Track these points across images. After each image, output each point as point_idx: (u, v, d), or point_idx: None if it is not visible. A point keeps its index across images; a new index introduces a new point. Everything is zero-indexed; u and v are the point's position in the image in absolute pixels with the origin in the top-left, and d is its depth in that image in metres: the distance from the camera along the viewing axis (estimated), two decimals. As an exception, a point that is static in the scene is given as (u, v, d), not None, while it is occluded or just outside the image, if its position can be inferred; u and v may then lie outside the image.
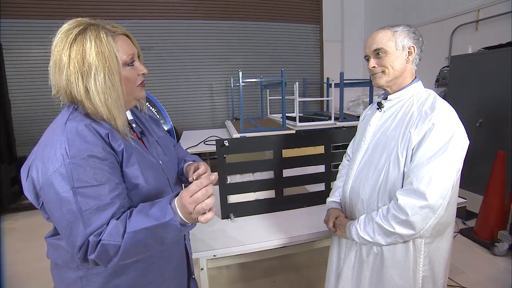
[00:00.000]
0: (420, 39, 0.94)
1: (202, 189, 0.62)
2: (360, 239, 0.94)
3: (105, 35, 0.67)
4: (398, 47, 0.92)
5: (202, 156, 4.34)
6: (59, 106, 0.73)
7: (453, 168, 0.83)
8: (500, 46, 2.88)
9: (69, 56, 0.65)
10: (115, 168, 0.68)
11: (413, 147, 0.86)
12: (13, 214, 3.24)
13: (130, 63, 0.73)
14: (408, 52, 0.92)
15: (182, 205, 0.64)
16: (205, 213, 0.63)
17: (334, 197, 1.16)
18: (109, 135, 0.68)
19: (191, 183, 0.68)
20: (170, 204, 0.65)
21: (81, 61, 0.65)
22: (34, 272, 2.17)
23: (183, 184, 0.95)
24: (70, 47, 0.65)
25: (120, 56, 0.70)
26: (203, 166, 0.89)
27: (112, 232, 0.62)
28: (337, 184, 1.19)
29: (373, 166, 0.96)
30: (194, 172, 0.88)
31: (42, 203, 0.66)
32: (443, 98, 0.93)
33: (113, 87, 0.67)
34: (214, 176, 0.70)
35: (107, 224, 0.63)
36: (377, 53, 0.94)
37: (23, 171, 0.67)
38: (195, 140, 3.38)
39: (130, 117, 0.85)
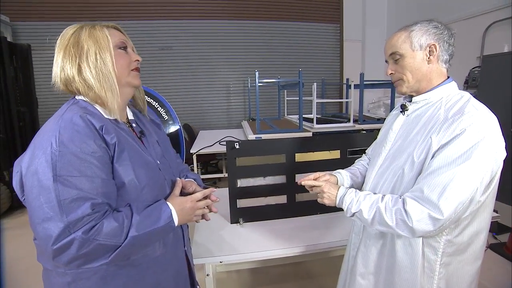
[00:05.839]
0: (445, 32, 0.82)
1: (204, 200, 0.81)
2: (350, 208, 0.87)
3: (99, 26, 0.74)
4: (415, 48, 0.82)
5: (217, 156, 4.39)
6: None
7: (474, 181, 0.72)
8: (541, 44, 2.63)
9: (67, 44, 0.71)
10: (105, 163, 0.67)
11: (433, 153, 0.77)
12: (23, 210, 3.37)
13: (121, 47, 0.77)
14: (429, 51, 0.82)
15: (181, 208, 0.76)
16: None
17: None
18: (103, 128, 0.68)
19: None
20: (166, 207, 0.73)
21: (76, 45, 0.71)
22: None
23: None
24: (69, 38, 0.71)
25: (111, 39, 0.74)
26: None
27: (110, 233, 0.63)
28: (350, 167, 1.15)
29: (391, 174, 0.88)
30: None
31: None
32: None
33: (104, 63, 0.71)
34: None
35: (94, 221, 0.62)
36: (394, 57, 0.86)
37: (17, 163, 0.67)
38: (210, 140, 3.38)
39: (131, 116, 0.86)
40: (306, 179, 1.02)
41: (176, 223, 0.74)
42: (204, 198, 0.84)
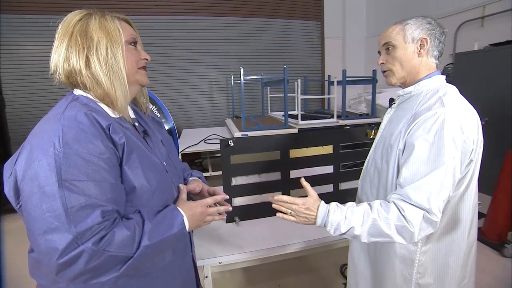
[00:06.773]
0: (437, 29, 0.86)
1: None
2: (338, 229, 0.77)
3: (109, 16, 0.68)
4: (407, 40, 0.86)
5: (202, 155, 4.30)
6: (55, 102, 0.67)
7: (449, 177, 0.73)
8: (508, 42, 2.82)
9: (72, 32, 0.63)
10: (113, 165, 0.61)
11: (402, 149, 0.80)
12: (10, 215, 3.15)
13: (132, 43, 0.71)
14: (420, 44, 0.85)
15: (192, 213, 0.72)
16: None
17: None
18: (110, 127, 0.62)
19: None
20: (177, 213, 0.69)
21: (84, 34, 0.63)
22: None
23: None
24: (75, 25, 0.64)
25: (123, 33, 0.68)
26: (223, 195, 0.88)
27: (122, 243, 0.58)
28: None
29: (373, 165, 0.93)
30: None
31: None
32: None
33: (115, 58, 0.65)
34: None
35: (104, 231, 0.57)
36: (387, 48, 0.89)
37: (7, 166, 0.60)
38: (195, 139, 3.31)
39: (132, 115, 0.80)
40: (279, 197, 0.88)
41: (187, 229, 0.70)
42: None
